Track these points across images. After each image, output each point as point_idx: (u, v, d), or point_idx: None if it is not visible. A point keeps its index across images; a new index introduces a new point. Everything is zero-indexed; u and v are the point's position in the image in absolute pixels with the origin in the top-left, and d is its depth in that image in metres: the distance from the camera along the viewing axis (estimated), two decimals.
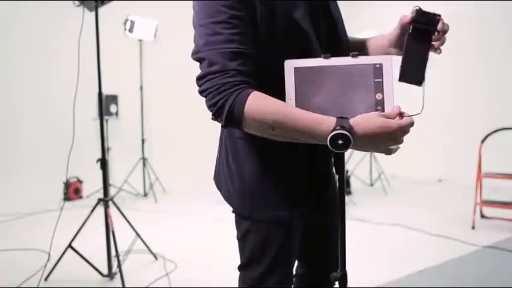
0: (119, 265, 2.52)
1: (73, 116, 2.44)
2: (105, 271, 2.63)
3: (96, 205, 2.67)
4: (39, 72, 5.22)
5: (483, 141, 3.68)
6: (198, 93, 0.98)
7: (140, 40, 5.16)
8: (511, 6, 5.36)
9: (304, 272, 1.35)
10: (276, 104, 0.94)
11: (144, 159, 5.30)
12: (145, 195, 5.28)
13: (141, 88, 5.28)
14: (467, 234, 3.45)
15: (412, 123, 0.92)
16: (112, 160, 5.17)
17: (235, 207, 1.13)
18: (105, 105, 4.77)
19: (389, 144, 0.93)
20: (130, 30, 4.79)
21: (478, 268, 2.77)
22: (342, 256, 1.08)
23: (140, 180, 5.35)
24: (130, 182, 5.27)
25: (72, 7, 2.65)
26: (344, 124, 0.88)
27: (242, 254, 1.16)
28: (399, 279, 2.58)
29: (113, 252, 2.59)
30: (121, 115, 5.26)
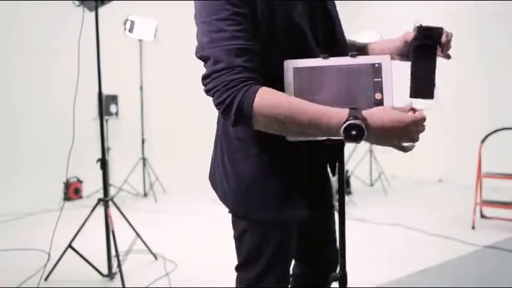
0: (119, 265, 2.52)
1: (73, 116, 2.44)
2: (105, 271, 2.63)
3: (96, 205, 2.67)
4: (39, 72, 5.22)
5: (483, 141, 3.68)
6: (204, 92, 0.97)
7: (140, 40, 5.16)
8: (511, 6, 5.36)
9: (301, 272, 1.35)
10: (286, 99, 0.93)
11: (144, 159, 5.30)
12: (145, 195, 5.28)
13: (141, 88, 5.28)
14: (467, 234, 3.45)
15: (425, 118, 0.91)
16: (112, 160, 5.17)
17: (230, 207, 1.12)
18: (105, 105, 4.77)
19: (403, 139, 0.92)
20: (130, 30, 4.79)
21: (478, 268, 2.77)
22: (342, 256, 1.08)
23: (140, 180, 5.35)
24: (130, 182, 5.27)
25: (72, 7, 2.65)
26: (357, 115, 0.87)
27: (239, 254, 1.15)
28: (399, 279, 2.58)
29: (113, 252, 2.59)
30: (121, 115, 5.26)
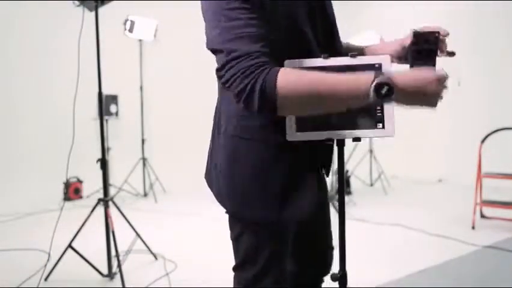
0: (119, 265, 2.52)
1: (73, 116, 2.44)
2: (105, 271, 2.63)
3: (96, 205, 2.67)
4: (39, 72, 5.22)
5: (483, 141, 3.68)
6: (222, 84, 0.94)
7: (140, 40, 5.16)
8: (511, 6, 5.36)
9: (294, 271, 1.35)
10: (309, 75, 0.91)
11: (144, 159, 5.30)
12: (145, 195, 5.28)
13: (141, 88, 5.28)
14: (467, 234, 3.45)
15: (446, 76, 0.93)
16: (112, 160, 5.17)
17: (227, 206, 1.11)
18: (105, 105, 4.77)
19: (430, 94, 0.92)
20: (130, 30, 4.79)
21: (478, 268, 2.77)
22: (342, 256, 1.08)
23: (140, 180, 5.35)
24: (130, 182, 5.27)
25: (72, 7, 2.65)
26: (383, 74, 0.87)
27: (236, 255, 1.15)
28: (399, 279, 2.58)
29: (113, 252, 2.59)
30: (121, 115, 5.26)
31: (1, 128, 4.99)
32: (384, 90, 0.85)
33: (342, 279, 1.08)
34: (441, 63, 1.01)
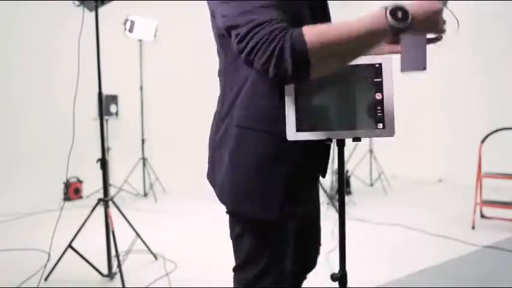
0: (119, 265, 2.52)
1: (73, 116, 2.44)
2: (105, 271, 2.63)
3: (96, 205, 2.67)
4: (39, 72, 5.22)
5: (483, 141, 3.68)
6: (245, 57, 0.92)
7: (140, 40, 5.16)
8: (511, 6, 5.37)
9: (293, 270, 1.35)
10: (330, 25, 0.92)
11: (144, 159, 5.30)
12: (145, 195, 5.28)
13: (141, 88, 5.27)
14: (467, 234, 3.45)
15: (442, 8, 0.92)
16: (112, 160, 5.18)
17: (228, 203, 1.10)
18: (105, 105, 4.77)
19: (437, 21, 0.91)
20: (130, 30, 4.79)
21: (478, 268, 2.77)
22: (342, 256, 1.08)
23: (140, 180, 5.35)
24: (130, 182, 5.27)
25: (72, 7, 2.65)
26: (393, 4, 0.88)
27: (237, 255, 1.15)
28: (399, 279, 2.58)
29: (113, 252, 2.59)
30: (121, 115, 5.26)
31: (1, 128, 4.99)
32: (400, 14, 0.86)
33: (342, 279, 1.08)
34: (440, 64, 1.01)
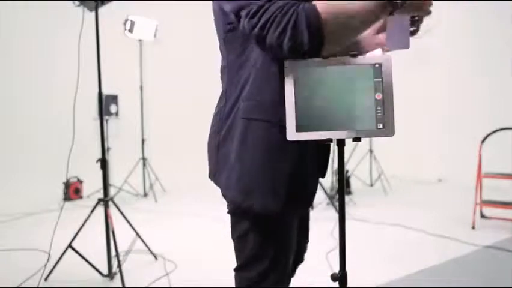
0: (119, 265, 2.52)
1: (73, 116, 2.45)
2: (105, 271, 2.63)
3: (96, 205, 2.67)
4: (39, 72, 5.22)
5: (483, 141, 3.68)
6: (257, 32, 0.94)
7: (140, 40, 5.15)
8: (511, 6, 5.36)
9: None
10: None
11: (144, 159, 5.30)
12: (145, 195, 5.27)
13: (141, 88, 5.27)
14: (467, 234, 3.45)
15: None
16: (112, 160, 5.17)
17: (235, 200, 1.09)
18: (105, 105, 4.77)
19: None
20: (130, 30, 4.79)
21: (478, 268, 2.77)
22: (342, 256, 1.08)
23: (140, 180, 5.35)
24: (130, 182, 5.27)
25: (72, 7, 2.65)
26: None
27: (239, 255, 1.14)
28: (399, 279, 2.58)
29: (113, 252, 2.59)
30: (121, 115, 5.26)
31: (1, 128, 4.99)
32: None
33: (342, 279, 1.08)
34: (440, 64, 1.02)
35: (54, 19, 5.15)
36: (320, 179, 1.22)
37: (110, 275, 2.62)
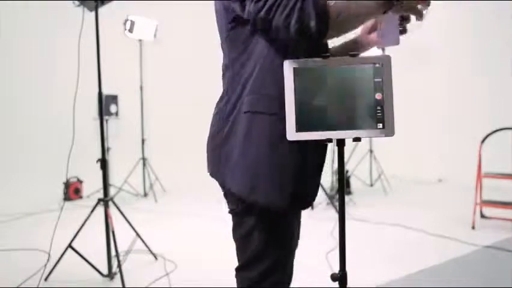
0: (119, 265, 2.52)
1: (73, 116, 2.45)
2: (105, 271, 2.63)
3: (96, 205, 2.67)
4: (39, 72, 5.22)
5: (483, 141, 3.68)
6: (264, 15, 0.95)
7: (140, 40, 5.15)
8: (511, 6, 5.36)
9: None
10: None
11: (144, 159, 5.30)
12: (145, 195, 5.27)
13: (141, 88, 5.27)
14: (467, 234, 3.45)
15: None
16: (112, 160, 5.17)
17: (243, 190, 1.08)
18: (105, 105, 4.77)
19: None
20: (130, 30, 4.79)
21: (478, 268, 2.77)
22: (342, 256, 1.08)
23: (140, 180, 5.35)
24: (130, 182, 5.27)
25: (72, 7, 2.65)
26: None
27: (242, 255, 1.14)
28: (399, 279, 2.58)
29: (113, 252, 2.59)
30: (121, 115, 5.26)
31: (1, 128, 4.99)
32: None
33: (342, 279, 1.08)
34: (440, 64, 1.03)
35: (54, 19, 5.15)
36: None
37: (110, 275, 2.62)
